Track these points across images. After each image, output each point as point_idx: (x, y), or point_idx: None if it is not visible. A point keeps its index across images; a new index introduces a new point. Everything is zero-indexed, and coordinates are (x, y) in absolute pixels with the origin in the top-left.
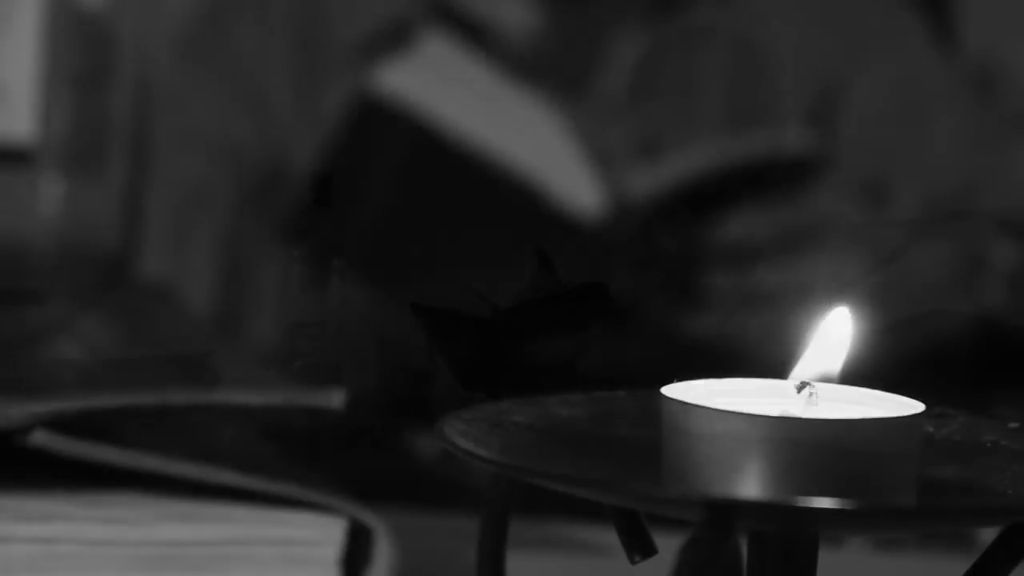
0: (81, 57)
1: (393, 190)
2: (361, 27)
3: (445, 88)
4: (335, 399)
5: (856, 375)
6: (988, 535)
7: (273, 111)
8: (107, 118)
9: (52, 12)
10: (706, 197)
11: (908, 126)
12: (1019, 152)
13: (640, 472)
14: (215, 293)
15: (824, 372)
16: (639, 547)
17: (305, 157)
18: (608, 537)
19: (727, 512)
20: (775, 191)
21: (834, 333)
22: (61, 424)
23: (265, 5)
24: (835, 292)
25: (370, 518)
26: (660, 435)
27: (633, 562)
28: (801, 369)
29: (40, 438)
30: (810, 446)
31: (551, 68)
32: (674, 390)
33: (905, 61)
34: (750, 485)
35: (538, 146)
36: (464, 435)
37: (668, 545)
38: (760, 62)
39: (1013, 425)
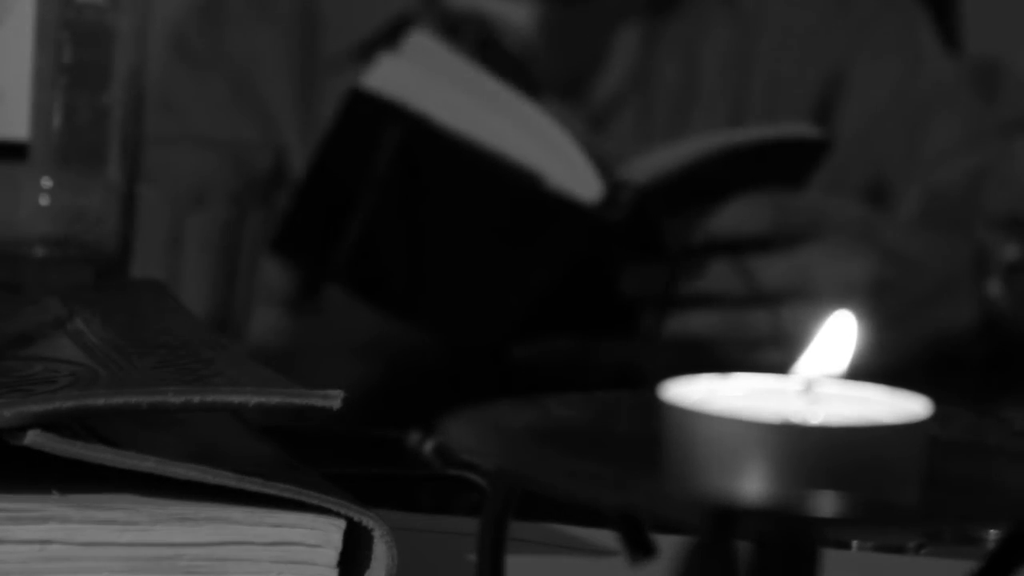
0: (78, 55)
1: (386, 183)
2: (359, 27)
3: (435, 81)
4: (335, 399)
5: (859, 375)
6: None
7: (272, 110)
8: (105, 116)
9: (49, 9)
10: (709, 178)
11: (909, 124)
12: (1019, 151)
13: (640, 473)
14: (214, 293)
15: (827, 373)
16: (639, 548)
17: (305, 157)
18: (608, 537)
19: (728, 515)
20: (782, 173)
21: (838, 337)
22: (56, 424)
23: (263, 3)
24: (837, 290)
25: (369, 519)
26: (660, 436)
27: (633, 563)
28: (804, 367)
29: (35, 438)
30: (813, 450)
31: (551, 66)
32: (674, 391)
33: (907, 60)
34: (752, 488)
35: (533, 134)
36: (464, 435)
37: (668, 545)
38: (761, 60)
39: (1019, 426)
